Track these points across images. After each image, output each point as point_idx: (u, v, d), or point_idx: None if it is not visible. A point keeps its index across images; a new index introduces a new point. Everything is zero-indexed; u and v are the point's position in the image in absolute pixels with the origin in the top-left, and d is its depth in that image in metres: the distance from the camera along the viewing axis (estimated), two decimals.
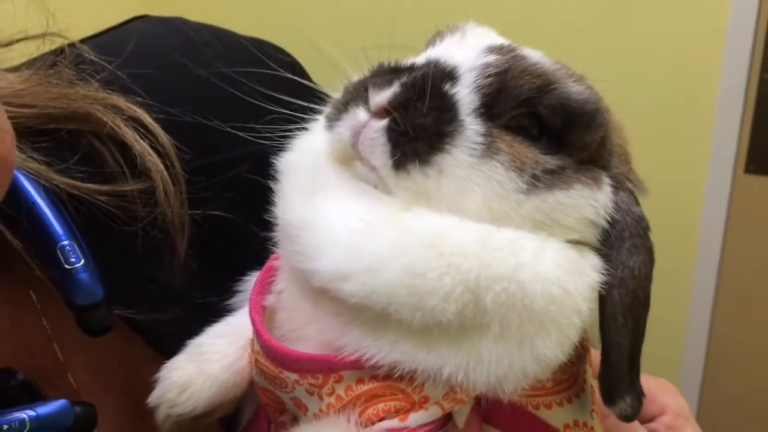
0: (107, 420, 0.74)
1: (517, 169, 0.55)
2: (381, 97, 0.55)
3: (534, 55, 0.61)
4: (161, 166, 0.70)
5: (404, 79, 0.56)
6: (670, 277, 2.40)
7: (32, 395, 0.66)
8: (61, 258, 0.64)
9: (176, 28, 0.83)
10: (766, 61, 2.26)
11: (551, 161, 0.57)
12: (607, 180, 0.60)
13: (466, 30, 0.64)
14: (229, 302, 0.73)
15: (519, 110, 0.57)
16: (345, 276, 0.54)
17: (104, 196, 0.68)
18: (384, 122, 0.55)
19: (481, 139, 0.55)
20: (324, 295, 0.57)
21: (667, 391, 0.78)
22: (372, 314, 0.54)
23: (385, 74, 0.58)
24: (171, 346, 0.70)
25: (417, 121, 0.54)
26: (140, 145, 0.70)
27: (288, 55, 0.89)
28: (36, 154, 0.67)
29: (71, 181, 0.67)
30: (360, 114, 0.57)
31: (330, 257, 0.54)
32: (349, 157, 0.58)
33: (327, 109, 0.62)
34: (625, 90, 2.37)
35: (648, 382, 0.74)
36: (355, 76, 0.62)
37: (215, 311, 0.73)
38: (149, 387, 0.68)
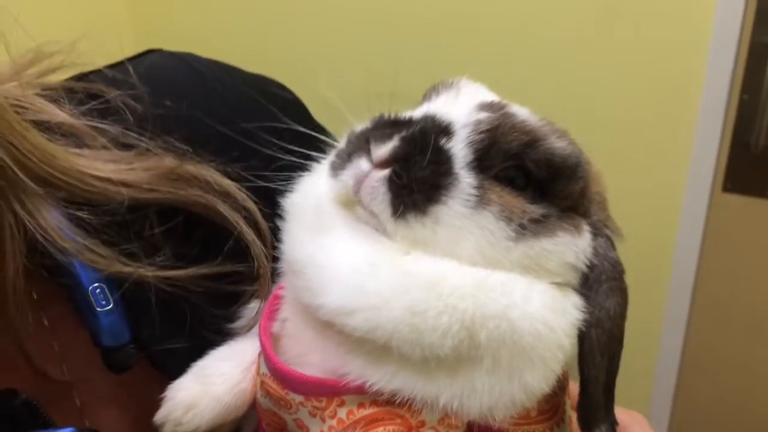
0: None
1: (506, 219, 0.61)
2: (383, 150, 0.61)
3: (522, 112, 0.67)
4: (265, 254, 0.78)
5: (404, 133, 0.61)
6: (646, 292, 2.47)
7: (35, 417, 0.71)
8: (92, 300, 0.70)
9: (188, 63, 0.87)
10: (747, 83, 2.33)
11: (537, 210, 0.63)
12: (586, 227, 0.66)
13: (460, 86, 0.70)
14: (232, 327, 0.78)
15: (508, 163, 0.63)
16: (350, 312, 0.59)
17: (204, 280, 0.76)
18: (385, 173, 0.60)
19: (474, 191, 0.61)
20: (329, 327, 0.62)
21: (638, 423, 0.84)
22: (374, 346, 0.60)
23: (386, 127, 0.63)
24: (173, 367, 0.75)
25: (417, 174, 0.60)
26: (256, 247, 0.77)
27: (290, 92, 0.94)
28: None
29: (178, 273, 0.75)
30: (363, 164, 0.62)
31: (335, 294, 0.60)
32: (352, 202, 0.63)
33: (331, 158, 0.67)
34: (607, 105, 2.44)
35: (620, 414, 0.80)
36: (355, 123, 0.68)
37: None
38: (148, 406, 0.73)
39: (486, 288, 0.59)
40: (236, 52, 1.66)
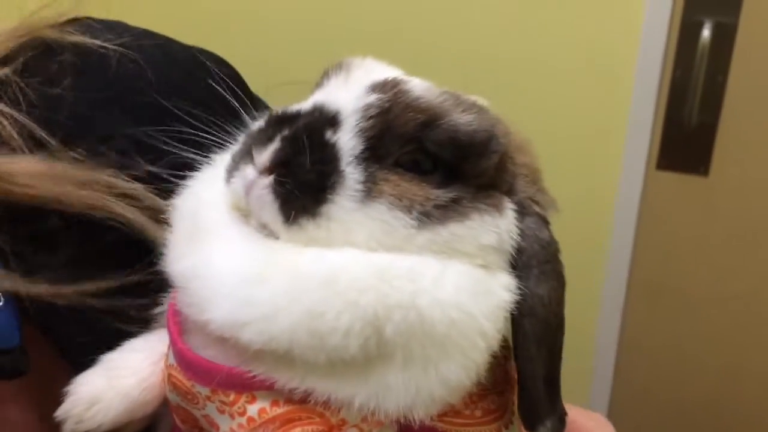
0: None
1: (404, 208, 0.58)
2: (263, 156, 0.59)
3: (419, 87, 0.62)
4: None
5: (285, 132, 0.59)
6: (582, 272, 2.51)
7: None
8: None
9: (118, 33, 0.83)
10: (679, 58, 2.38)
11: (444, 195, 0.60)
12: (509, 205, 0.63)
13: (351, 67, 0.66)
14: (152, 317, 0.75)
15: (408, 147, 0.60)
16: (241, 325, 0.57)
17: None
18: (270, 179, 0.58)
19: (360, 186, 0.58)
20: (224, 340, 0.59)
21: (601, 427, 0.82)
22: (276, 355, 0.57)
23: (270, 128, 0.61)
24: (85, 358, 0.72)
25: (300, 178, 0.58)
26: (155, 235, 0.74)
27: (227, 66, 0.90)
28: None
29: None
30: (248, 171, 0.60)
31: (223, 308, 0.57)
32: (247, 210, 0.61)
33: (227, 160, 0.65)
34: (540, 84, 2.45)
35: (582, 418, 0.77)
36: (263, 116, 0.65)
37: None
38: (56, 401, 0.69)
39: (390, 275, 0.57)
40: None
